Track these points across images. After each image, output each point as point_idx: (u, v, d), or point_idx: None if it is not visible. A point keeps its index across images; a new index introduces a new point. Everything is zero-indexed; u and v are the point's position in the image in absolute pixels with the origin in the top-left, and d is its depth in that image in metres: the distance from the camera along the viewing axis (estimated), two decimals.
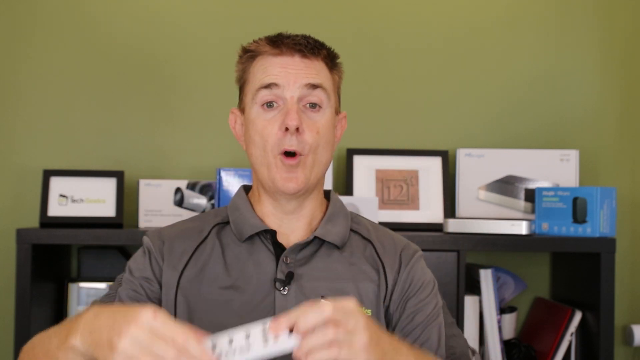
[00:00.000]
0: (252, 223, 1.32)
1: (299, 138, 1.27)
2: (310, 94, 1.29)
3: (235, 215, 1.35)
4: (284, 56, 1.29)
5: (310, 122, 1.28)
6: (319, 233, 1.32)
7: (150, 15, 2.31)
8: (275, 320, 1.01)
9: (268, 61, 1.30)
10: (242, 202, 1.36)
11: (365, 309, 1.29)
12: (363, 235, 1.38)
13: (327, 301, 1.03)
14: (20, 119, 2.27)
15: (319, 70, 1.31)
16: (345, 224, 1.36)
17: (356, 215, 1.42)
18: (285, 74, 1.28)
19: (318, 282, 1.29)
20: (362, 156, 2.26)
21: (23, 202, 2.24)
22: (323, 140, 1.30)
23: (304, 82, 1.28)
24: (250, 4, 2.33)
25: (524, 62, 2.37)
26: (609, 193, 2.04)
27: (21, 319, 1.94)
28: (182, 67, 2.30)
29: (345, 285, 1.30)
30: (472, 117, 2.36)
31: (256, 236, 1.32)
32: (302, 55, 1.29)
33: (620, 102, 2.38)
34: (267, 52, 1.31)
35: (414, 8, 2.35)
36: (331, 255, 1.32)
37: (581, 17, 2.37)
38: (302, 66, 1.29)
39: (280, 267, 1.28)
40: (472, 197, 2.26)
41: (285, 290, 1.27)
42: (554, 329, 2.13)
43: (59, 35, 2.28)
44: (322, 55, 1.32)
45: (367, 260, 1.34)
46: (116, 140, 2.29)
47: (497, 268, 2.24)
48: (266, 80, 1.28)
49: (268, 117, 1.28)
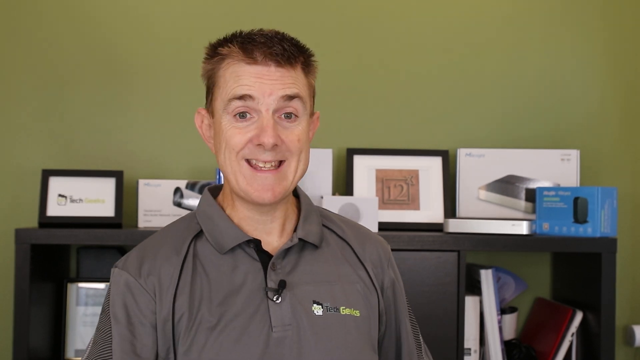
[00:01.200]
0: (232, 234, 1.26)
1: (276, 150, 1.22)
2: (287, 105, 1.22)
3: (209, 225, 1.28)
4: (258, 65, 1.22)
5: (288, 132, 1.23)
6: (301, 235, 1.28)
7: (147, 15, 2.30)
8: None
9: (240, 69, 1.22)
10: (213, 210, 1.30)
11: (354, 310, 1.28)
12: (338, 234, 1.35)
13: None
14: (19, 119, 2.27)
15: (296, 78, 1.24)
16: (318, 220, 1.33)
17: (322, 210, 1.40)
18: (260, 85, 1.21)
19: (307, 286, 1.27)
20: (362, 156, 2.26)
21: (22, 202, 2.24)
22: (304, 146, 1.26)
23: (280, 94, 1.21)
24: (248, 3, 2.32)
25: (525, 62, 2.36)
26: (610, 193, 2.03)
27: (20, 319, 1.94)
28: (181, 67, 2.30)
29: (333, 287, 1.28)
30: (473, 117, 2.35)
31: (237, 247, 1.26)
32: (278, 65, 1.22)
33: (621, 102, 2.37)
34: (239, 59, 1.23)
35: (415, 8, 2.35)
36: (314, 257, 1.30)
37: (583, 17, 2.37)
38: (278, 75, 1.22)
39: (269, 275, 1.25)
40: (473, 197, 2.26)
41: (279, 299, 1.23)
42: (555, 329, 2.12)
43: (57, 34, 2.28)
44: (299, 62, 1.25)
45: (347, 261, 1.33)
46: (115, 140, 2.28)
47: (498, 268, 2.23)
48: (239, 92, 1.21)
49: (240, 127, 1.22)
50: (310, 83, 1.29)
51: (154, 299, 1.24)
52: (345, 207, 2.00)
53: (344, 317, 1.27)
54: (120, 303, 1.25)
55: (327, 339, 1.24)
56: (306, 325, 1.24)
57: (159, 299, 1.24)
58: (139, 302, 1.24)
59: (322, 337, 1.24)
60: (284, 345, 1.22)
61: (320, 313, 1.25)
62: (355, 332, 1.27)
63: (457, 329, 1.98)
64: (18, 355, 1.93)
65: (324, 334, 1.24)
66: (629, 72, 2.37)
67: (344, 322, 1.26)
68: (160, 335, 1.24)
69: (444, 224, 2.06)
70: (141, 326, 1.24)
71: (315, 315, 1.25)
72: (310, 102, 1.29)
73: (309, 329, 1.24)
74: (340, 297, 1.28)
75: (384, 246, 1.39)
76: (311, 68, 1.29)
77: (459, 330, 1.98)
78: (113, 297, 1.26)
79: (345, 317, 1.27)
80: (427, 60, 2.35)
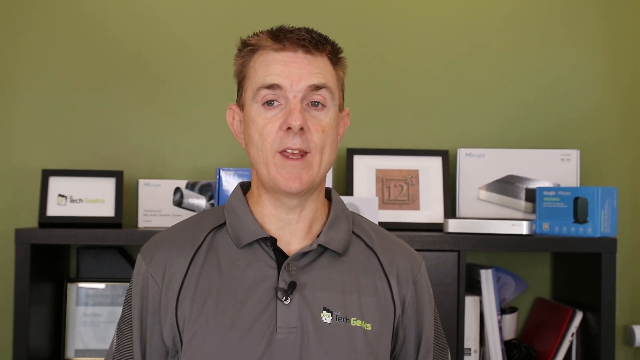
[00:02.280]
0: (251, 229, 1.26)
1: (303, 137, 1.22)
2: (314, 94, 1.24)
3: (232, 218, 1.29)
4: (286, 52, 1.24)
5: (315, 120, 1.23)
6: (322, 241, 1.27)
7: (148, 14, 2.30)
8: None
9: (270, 57, 1.24)
10: (239, 203, 1.30)
11: (365, 323, 1.26)
12: (367, 243, 1.33)
13: None
14: (18, 119, 2.27)
15: (323, 67, 1.25)
16: (347, 227, 1.32)
17: (357, 216, 1.38)
18: (288, 73, 1.22)
19: (320, 292, 1.25)
20: (362, 156, 2.25)
21: (22, 202, 2.24)
22: (329, 139, 1.25)
23: (308, 83, 1.22)
24: (250, 0, 2.32)
25: (525, 62, 2.36)
26: (610, 193, 2.03)
27: (20, 319, 1.94)
28: (181, 67, 2.30)
29: (348, 297, 1.26)
30: (473, 117, 2.35)
31: (255, 242, 1.27)
32: (306, 51, 1.24)
33: (621, 102, 2.37)
34: (268, 46, 1.25)
35: (415, 8, 2.35)
36: (333, 264, 1.28)
37: (583, 16, 2.37)
38: (306, 63, 1.23)
39: (282, 275, 1.24)
40: (473, 197, 2.26)
41: (287, 300, 1.22)
42: (555, 329, 2.12)
43: (57, 34, 2.28)
44: (327, 51, 1.26)
45: (370, 272, 1.30)
46: (115, 140, 2.28)
47: (498, 268, 2.23)
48: (268, 80, 1.23)
49: (269, 116, 1.23)
50: (338, 75, 1.30)
51: (160, 288, 1.26)
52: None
53: (353, 329, 1.25)
54: (137, 291, 1.29)
55: (331, 348, 1.22)
56: (311, 330, 1.22)
57: (165, 289, 1.26)
58: (149, 291, 1.27)
59: (326, 345, 1.22)
60: (286, 348, 1.21)
61: (328, 321, 1.24)
62: (362, 346, 1.24)
63: (457, 329, 1.98)
64: (18, 355, 1.93)
65: (329, 342, 1.23)
66: (629, 72, 2.37)
67: (352, 334, 1.24)
68: (167, 325, 1.25)
69: (444, 224, 2.06)
70: (152, 316, 1.26)
71: (322, 322, 1.23)
72: (339, 95, 1.30)
73: (314, 335, 1.22)
74: (352, 308, 1.26)
75: (415, 260, 1.36)
76: (339, 60, 1.30)
77: (459, 330, 1.98)
78: (132, 284, 1.31)
79: (355, 329, 1.25)
80: (427, 60, 2.35)
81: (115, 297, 2.15)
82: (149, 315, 1.27)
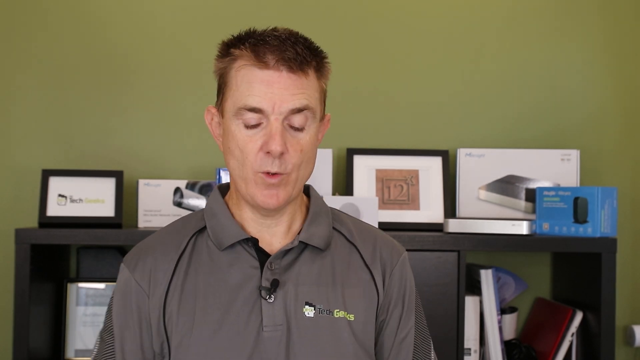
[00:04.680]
0: (232, 231, 1.27)
1: (282, 159, 1.21)
2: (296, 115, 1.22)
3: (212, 222, 1.29)
4: (269, 70, 1.20)
5: (295, 141, 1.22)
6: (303, 237, 1.28)
7: (148, 14, 2.30)
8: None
9: (252, 74, 1.21)
10: (218, 207, 1.30)
11: (348, 314, 1.27)
12: (347, 238, 1.34)
13: None
14: (18, 119, 2.27)
15: (307, 85, 1.23)
16: (328, 222, 1.32)
17: (336, 211, 1.39)
18: (271, 96, 1.20)
19: (303, 287, 1.26)
20: (362, 156, 2.25)
21: (22, 202, 2.24)
22: (306, 157, 1.25)
23: (290, 107, 1.20)
24: (250, 3, 2.32)
25: (525, 62, 2.36)
26: (610, 193, 2.03)
27: (20, 319, 1.94)
28: (182, 67, 2.30)
29: (330, 290, 1.27)
30: (472, 117, 2.35)
31: (237, 243, 1.27)
32: (290, 70, 1.20)
33: (621, 102, 2.37)
34: (251, 63, 1.21)
35: (415, 7, 2.35)
36: (315, 259, 1.29)
37: (583, 16, 2.37)
38: (289, 83, 1.20)
39: (265, 274, 1.25)
40: (473, 197, 2.26)
41: (271, 298, 1.24)
42: (555, 329, 2.12)
43: (57, 34, 2.28)
44: (312, 67, 1.24)
45: (352, 265, 1.31)
46: (115, 140, 2.28)
47: (498, 268, 2.23)
48: (250, 102, 1.20)
49: (250, 134, 1.22)
50: (321, 87, 1.28)
51: (147, 294, 1.26)
52: (345, 207, 2.00)
53: (336, 320, 1.26)
54: (119, 300, 1.28)
55: (315, 341, 1.24)
56: (295, 326, 1.24)
57: (152, 295, 1.26)
58: (133, 298, 1.27)
59: (311, 339, 1.24)
60: (273, 345, 1.23)
61: (311, 315, 1.25)
62: (347, 336, 1.26)
63: (457, 329, 1.98)
64: (18, 355, 1.93)
65: (313, 336, 1.24)
66: (629, 72, 2.37)
67: (336, 325, 1.26)
68: (154, 331, 1.26)
69: (444, 224, 2.06)
70: (137, 323, 1.26)
71: (305, 316, 1.25)
72: (321, 108, 1.28)
73: (297, 330, 1.24)
74: (335, 300, 1.27)
75: (396, 250, 1.37)
76: (324, 71, 1.28)
77: (459, 330, 1.98)
78: (115, 293, 1.30)
79: (338, 320, 1.26)
80: (427, 60, 2.35)
81: None
82: (133, 323, 1.27)
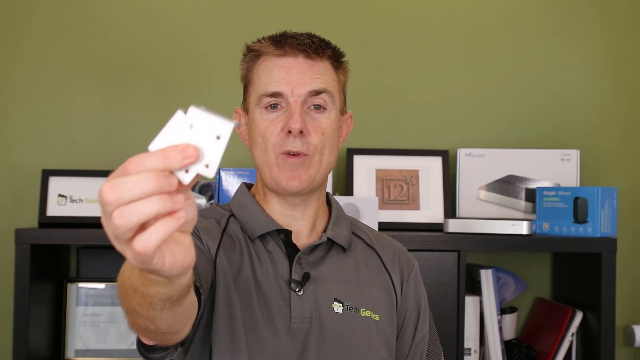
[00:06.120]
0: (265, 221, 1.31)
1: (303, 140, 1.26)
2: (315, 98, 1.28)
3: (242, 212, 1.33)
4: (287, 57, 1.28)
5: (315, 123, 1.28)
6: (330, 234, 1.32)
7: (151, 14, 2.30)
8: None
9: (272, 63, 1.28)
10: (248, 199, 1.34)
11: (374, 314, 1.31)
12: (366, 242, 1.39)
13: None
14: (18, 119, 2.27)
15: (324, 71, 1.29)
16: (348, 227, 1.38)
17: (353, 219, 1.44)
18: (289, 80, 1.26)
19: (331, 284, 1.29)
20: (362, 156, 2.25)
21: (22, 202, 2.24)
22: (329, 141, 1.29)
23: (308, 89, 1.27)
24: (252, 3, 2.32)
25: (525, 62, 2.36)
26: (610, 193, 2.03)
27: (20, 319, 1.94)
28: (182, 67, 2.30)
29: (356, 289, 1.31)
30: (472, 117, 2.35)
31: (267, 235, 1.31)
32: (306, 56, 1.28)
33: (621, 102, 2.37)
34: (270, 52, 1.29)
35: (415, 8, 2.35)
36: (340, 258, 1.33)
37: (583, 16, 2.37)
38: (306, 68, 1.28)
39: (294, 267, 1.28)
40: (473, 197, 2.26)
41: (301, 291, 1.27)
42: (555, 329, 2.12)
43: (57, 34, 2.28)
44: (327, 55, 1.30)
45: (372, 267, 1.36)
46: (115, 140, 2.28)
47: (498, 268, 2.23)
48: (270, 88, 1.27)
49: (271, 118, 1.27)
50: (339, 79, 1.33)
51: (209, 236, 1.27)
52: (346, 207, 2.00)
53: (363, 319, 1.30)
54: (203, 220, 1.30)
55: (346, 337, 1.27)
56: (325, 320, 1.26)
57: (209, 241, 1.27)
58: (208, 226, 1.28)
59: (342, 334, 1.27)
60: (300, 337, 1.24)
61: (340, 311, 1.28)
62: (374, 335, 1.30)
63: (457, 329, 1.98)
64: (18, 355, 1.93)
65: (343, 331, 1.27)
66: (629, 72, 2.37)
67: (364, 324, 1.29)
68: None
69: (444, 224, 2.06)
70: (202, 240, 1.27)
71: (334, 312, 1.28)
72: (341, 98, 1.34)
73: (328, 325, 1.26)
74: (361, 299, 1.31)
75: (410, 260, 1.42)
76: (341, 65, 1.34)
77: (459, 330, 1.98)
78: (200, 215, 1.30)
79: (365, 319, 1.30)
80: (428, 60, 2.35)
81: (115, 297, 2.14)
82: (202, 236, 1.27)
